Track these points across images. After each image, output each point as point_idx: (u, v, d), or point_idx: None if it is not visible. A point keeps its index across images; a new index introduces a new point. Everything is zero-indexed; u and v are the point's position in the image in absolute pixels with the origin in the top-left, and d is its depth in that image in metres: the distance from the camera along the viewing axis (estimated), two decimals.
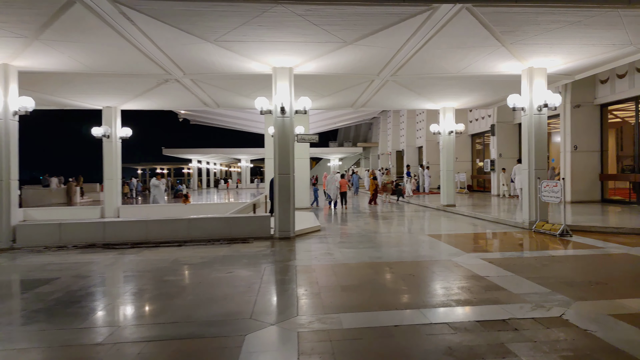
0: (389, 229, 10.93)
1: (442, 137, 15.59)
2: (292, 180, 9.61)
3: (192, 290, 5.39)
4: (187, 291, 5.37)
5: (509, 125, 20.84)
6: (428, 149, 30.01)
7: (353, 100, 15.54)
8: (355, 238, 9.35)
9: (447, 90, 13.69)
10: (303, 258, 7.36)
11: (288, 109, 9.49)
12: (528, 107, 9.99)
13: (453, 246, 8.09)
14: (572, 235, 8.86)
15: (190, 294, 5.25)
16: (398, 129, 37.94)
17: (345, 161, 53.43)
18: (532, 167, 9.97)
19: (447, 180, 15.43)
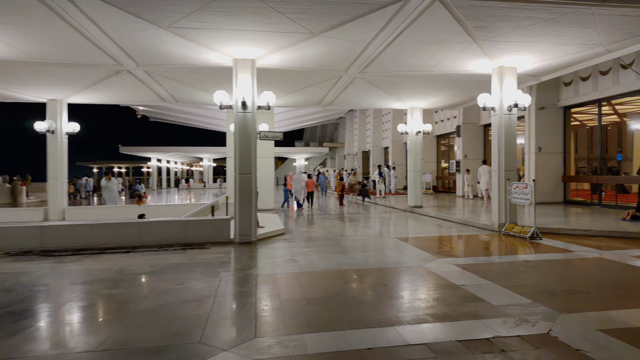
0: (357, 231, 10.47)
1: (410, 138, 15.32)
2: (254, 181, 8.96)
3: (134, 307, 4.67)
4: (128, 308, 4.65)
5: (475, 127, 20.93)
6: (394, 149, 29.96)
7: (320, 97, 15.02)
8: (321, 242, 8.82)
9: (415, 90, 13.41)
10: (265, 266, 6.75)
11: (250, 103, 8.83)
12: (498, 106, 9.77)
13: (424, 250, 7.70)
14: (542, 238, 8.67)
15: (131, 311, 4.54)
16: (364, 129, 37.80)
17: (311, 161, 52.95)
18: (502, 168, 9.75)
19: (414, 181, 15.17)
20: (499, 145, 9.82)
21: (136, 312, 4.49)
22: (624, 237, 8.57)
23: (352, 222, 12.34)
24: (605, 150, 14.75)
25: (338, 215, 14.41)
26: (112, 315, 4.46)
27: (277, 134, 9.89)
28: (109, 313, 4.52)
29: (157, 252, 7.85)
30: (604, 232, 8.80)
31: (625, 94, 12.84)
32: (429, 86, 12.95)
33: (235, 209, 8.81)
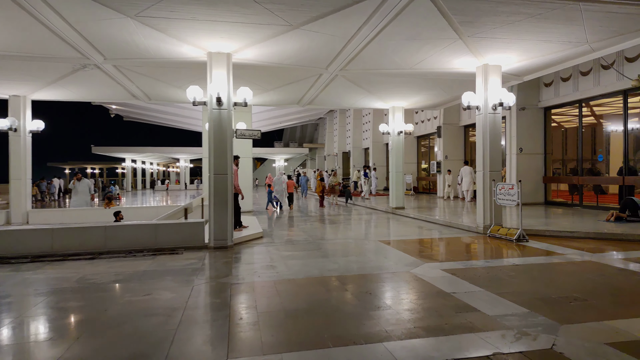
0: (338, 234, 10.08)
1: (391, 138, 15.04)
2: (230, 182, 8.48)
3: (91, 324, 4.16)
4: (83, 325, 4.13)
5: (455, 127, 20.84)
6: (374, 150, 29.76)
7: (299, 96, 14.60)
8: (302, 246, 8.39)
9: (397, 89, 13.13)
10: (241, 273, 6.28)
11: (225, 99, 8.34)
12: (483, 105, 9.54)
13: (409, 254, 7.36)
14: (528, 240, 8.45)
15: (87, 329, 4.02)
16: (344, 130, 37.56)
17: (291, 162, 52.45)
18: (487, 168, 9.52)
19: (396, 182, 14.89)
20: (483, 145, 9.59)
21: (92, 330, 3.98)
22: (610, 239, 8.42)
23: (333, 225, 11.95)
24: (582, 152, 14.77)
25: (319, 217, 14.00)
26: (63, 334, 3.93)
27: (255, 132, 9.43)
28: (59, 331, 4.00)
29: (124, 259, 7.28)
30: (591, 234, 8.64)
31: (606, 94, 12.84)
32: (412, 85, 12.69)
33: (209, 212, 8.30)
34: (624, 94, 12.24)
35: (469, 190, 17.57)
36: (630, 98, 12.32)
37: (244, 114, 15.84)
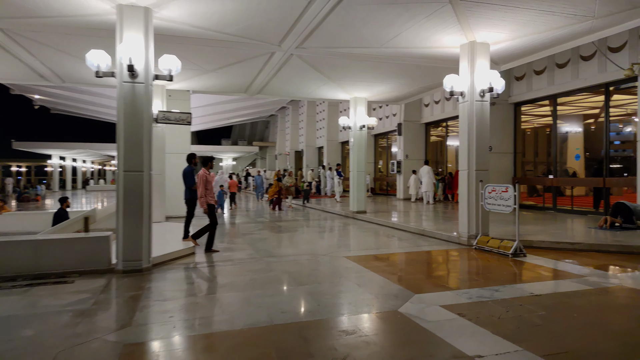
0: (294, 247, 8.12)
1: (353, 133, 13.27)
2: (149, 182, 6.28)
3: None
4: None
5: (416, 125, 19.49)
6: (329, 149, 28.07)
7: (247, 82, 12.49)
8: (245, 266, 6.34)
9: (361, 75, 11.35)
10: (149, 319, 4.16)
11: (142, 69, 6.13)
12: (468, 91, 7.93)
13: (389, 279, 5.53)
14: (526, 255, 6.90)
15: None
16: (297, 127, 35.64)
17: (239, 161, 49.73)
18: (473, 167, 7.92)
19: (357, 183, 13.14)
20: (469, 140, 7.98)
21: None
22: (619, 252, 7.04)
23: (288, 234, 9.96)
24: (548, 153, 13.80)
25: (271, 223, 11.95)
26: None
27: (183, 117, 7.27)
28: None
29: None
30: (595, 246, 7.24)
31: (585, 88, 11.77)
32: (379, 71, 10.96)
33: (117, 222, 6.06)
34: (605, 88, 11.18)
35: (428, 192, 16.19)
36: (618, 94, 11.31)
37: (181, 102, 13.49)
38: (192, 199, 8.17)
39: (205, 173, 7.66)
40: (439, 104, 18.12)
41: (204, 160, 7.94)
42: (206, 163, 7.90)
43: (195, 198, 8.19)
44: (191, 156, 8.37)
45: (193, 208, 8.23)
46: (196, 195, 8.17)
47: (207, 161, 7.95)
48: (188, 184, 8.12)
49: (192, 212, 8.27)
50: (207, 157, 8.01)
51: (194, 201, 8.19)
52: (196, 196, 8.17)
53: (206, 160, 7.95)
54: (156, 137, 11.41)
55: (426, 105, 19.07)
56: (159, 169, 11.41)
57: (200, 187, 7.52)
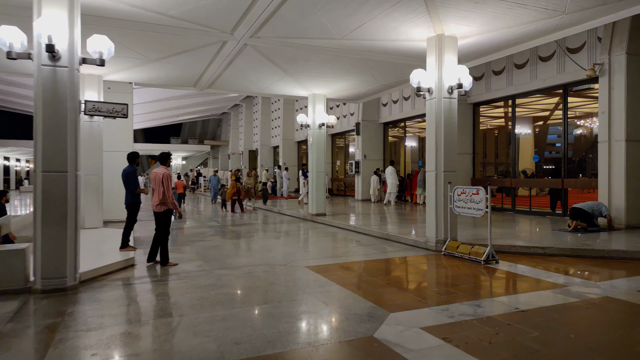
0: (249, 255, 7.32)
1: (312, 131, 12.60)
2: (75, 184, 5.28)
3: None
4: None
5: (375, 125, 19.14)
6: (285, 148, 27.29)
7: (196, 75, 11.52)
8: (193, 282, 5.49)
9: (321, 70, 10.70)
10: (65, 357, 3.27)
11: (65, 49, 5.13)
12: (436, 87, 7.46)
13: (359, 294, 4.90)
14: (498, 261, 6.51)
15: None
16: (251, 126, 34.56)
17: (190, 160, 47.81)
18: (441, 168, 7.47)
19: (316, 184, 12.48)
20: (436, 139, 7.52)
21: None
22: (591, 257, 6.80)
23: (243, 240, 9.12)
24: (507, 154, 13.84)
25: (223, 228, 11.04)
26: None
27: (118, 108, 6.28)
28: None
29: None
30: (566, 250, 6.97)
31: (544, 89, 11.76)
32: (339, 66, 10.35)
33: (35, 233, 5.04)
34: (564, 89, 11.19)
35: (392, 193, 15.85)
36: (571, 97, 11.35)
37: (122, 96, 12.24)
38: (133, 204, 7.18)
39: (169, 172, 6.65)
40: (397, 104, 17.84)
41: (163, 156, 6.77)
42: (165, 160, 6.75)
43: (137, 202, 7.21)
44: (134, 155, 7.35)
45: (135, 214, 7.24)
46: (139, 199, 7.20)
47: (166, 158, 6.77)
48: (130, 187, 7.12)
49: (134, 219, 7.27)
50: (165, 153, 6.80)
51: (136, 206, 7.21)
52: (139, 200, 7.21)
53: (165, 156, 6.76)
54: (91, 133, 10.20)
55: (384, 104, 18.75)
56: (94, 169, 10.22)
57: (162, 189, 6.41)
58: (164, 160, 6.75)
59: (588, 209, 8.73)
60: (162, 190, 6.39)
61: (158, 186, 6.42)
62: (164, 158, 6.76)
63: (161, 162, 6.72)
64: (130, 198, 7.13)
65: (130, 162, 7.31)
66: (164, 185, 6.41)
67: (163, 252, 6.50)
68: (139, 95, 20.23)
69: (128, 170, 7.18)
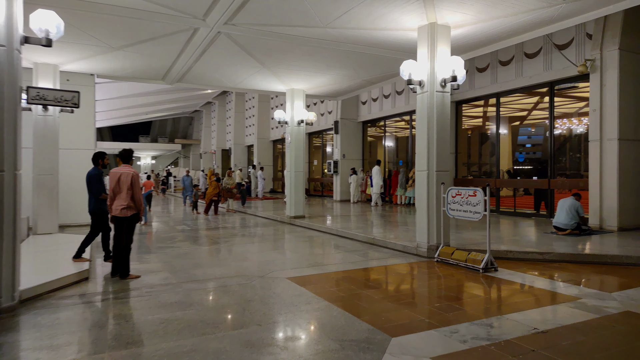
0: (224, 266, 6.55)
1: (290, 129, 11.89)
2: (13, 185, 4.41)
3: None
4: None
5: (353, 123, 18.57)
6: (260, 147, 26.44)
7: (165, 66, 10.66)
8: (157, 300, 4.71)
9: (301, 63, 10.02)
10: None
11: (1, 24, 4.27)
12: (428, 80, 6.89)
13: (352, 312, 4.24)
14: (497, 269, 5.98)
15: None
16: (224, 124, 33.52)
17: (160, 160, 46.20)
18: (433, 167, 6.90)
19: (295, 185, 11.78)
20: (428, 136, 6.95)
21: None
22: (593, 263, 6.37)
23: (216, 246, 8.33)
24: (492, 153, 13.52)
25: (194, 232, 10.19)
26: None
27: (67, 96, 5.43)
28: None
29: None
30: (566, 256, 6.52)
31: (530, 87, 11.42)
32: (320, 59, 9.70)
33: None
34: (550, 86, 10.88)
35: (377, 193, 15.31)
36: (558, 97, 11.05)
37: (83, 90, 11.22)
38: (98, 211, 6.31)
39: (136, 172, 5.83)
40: (377, 102, 17.33)
41: (126, 153, 5.94)
42: (129, 157, 5.94)
43: (103, 209, 6.34)
44: (99, 155, 6.46)
45: (99, 222, 6.37)
46: (105, 206, 6.28)
47: (129, 155, 5.94)
48: (94, 191, 6.25)
49: (99, 227, 6.41)
50: (128, 150, 5.96)
51: (101, 213, 6.35)
52: (105, 207, 6.29)
53: (128, 154, 5.93)
54: (45, 129, 9.16)
55: (364, 103, 18.22)
56: (49, 168, 9.20)
57: (130, 191, 5.62)
58: (127, 157, 5.95)
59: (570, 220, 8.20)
60: (131, 192, 5.61)
61: (125, 188, 5.61)
62: (127, 155, 5.95)
63: (124, 160, 5.92)
64: (94, 204, 6.27)
65: (94, 163, 6.45)
66: (134, 186, 5.62)
67: (124, 262, 5.69)
68: (105, 90, 19.07)
69: (92, 173, 6.32)
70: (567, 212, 8.19)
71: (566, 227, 8.15)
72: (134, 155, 6.27)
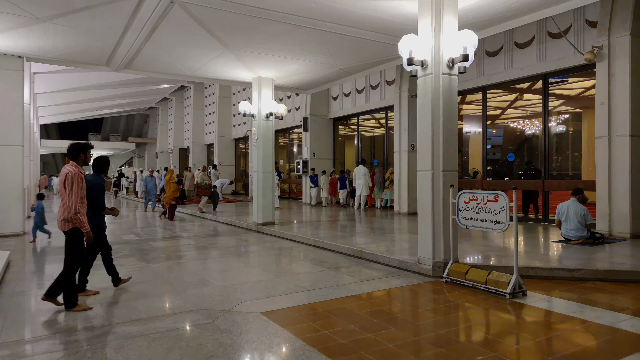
0: (176, 294, 5.02)
1: (257, 123, 10.40)
2: None
3: None
4: None
5: (324, 120, 17.26)
6: (220, 146, 24.68)
7: (108, 47, 8.97)
8: (75, 348, 3.17)
9: (270, 46, 8.59)
10: None
11: None
12: (432, 60, 5.65)
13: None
14: (526, 293, 4.80)
15: None
16: (182, 122, 31.41)
17: (112, 160, 43.18)
18: (439, 166, 5.66)
19: (263, 187, 10.29)
20: (433, 127, 5.69)
21: None
22: (633, 281, 5.31)
23: (166, 264, 6.73)
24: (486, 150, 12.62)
25: (145, 242, 8.50)
26: None
27: None
28: None
29: None
30: (599, 273, 5.43)
31: (521, 79, 10.49)
32: (294, 40, 8.31)
33: None
34: (544, 79, 9.98)
35: (362, 196, 14.03)
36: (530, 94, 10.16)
37: (9, 75, 9.33)
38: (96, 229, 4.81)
39: (79, 170, 4.34)
40: (350, 97, 16.10)
41: (70, 148, 4.47)
42: (76, 154, 4.45)
43: (102, 226, 4.95)
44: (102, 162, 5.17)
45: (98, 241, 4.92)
46: (103, 222, 4.95)
47: (76, 151, 4.44)
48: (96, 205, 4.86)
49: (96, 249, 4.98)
50: (76, 145, 4.50)
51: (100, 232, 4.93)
52: (103, 223, 4.96)
53: (76, 149, 4.45)
54: None
55: (335, 98, 16.95)
56: None
57: (72, 195, 4.19)
58: (74, 154, 4.45)
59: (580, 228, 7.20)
60: (72, 199, 4.19)
61: (61, 192, 4.24)
62: (71, 151, 4.45)
63: (70, 156, 4.46)
64: (91, 220, 4.67)
65: (97, 171, 5.00)
66: (66, 189, 4.19)
67: (65, 292, 4.22)
68: (50, 82, 17.00)
69: (95, 182, 4.85)
70: (575, 220, 7.18)
71: (579, 238, 7.14)
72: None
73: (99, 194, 4.86)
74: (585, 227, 7.10)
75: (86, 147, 4.56)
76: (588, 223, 7.11)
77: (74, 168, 4.28)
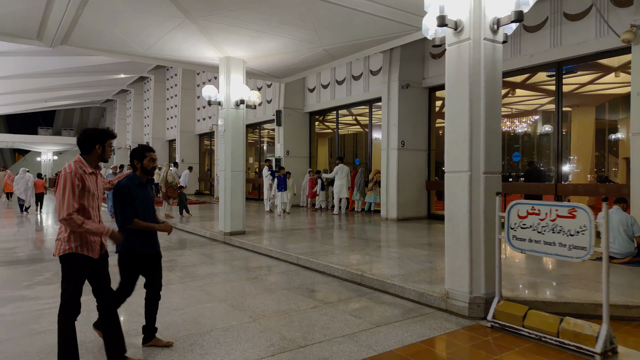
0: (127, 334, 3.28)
1: (225, 112, 8.63)
2: None
3: None
4: None
5: (299, 114, 15.61)
6: (183, 142, 22.63)
7: (36, 14, 7.04)
8: None
9: (243, 15, 6.87)
10: None
11: None
12: (470, 20, 4.11)
13: None
14: (617, 350, 3.35)
15: None
16: (141, 116, 29.03)
17: (64, 156, 39.92)
18: (479, 166, 4.13)
19: (232, 189, 8.53)
20: (471, 114, 4.14)
21: None
22: None
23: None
24: None
25: None
26: None
27: None
28: None
29: None
30: None
31: (530, 68, 9.22)
32: (271, 8, 6.63)
33: None
34: (557, 67, 8.74)
35: (343, 198, 12.46)
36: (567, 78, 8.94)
37: None
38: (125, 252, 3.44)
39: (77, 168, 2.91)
40: (328, 89, 14.52)
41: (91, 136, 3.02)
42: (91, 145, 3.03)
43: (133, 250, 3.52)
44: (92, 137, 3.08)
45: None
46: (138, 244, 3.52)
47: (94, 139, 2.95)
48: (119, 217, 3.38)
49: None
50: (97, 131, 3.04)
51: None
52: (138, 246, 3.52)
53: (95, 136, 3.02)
54: None
55: (311, 90, 15.33)
56: None
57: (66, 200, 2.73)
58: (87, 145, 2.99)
59: (628, 242, 5.92)
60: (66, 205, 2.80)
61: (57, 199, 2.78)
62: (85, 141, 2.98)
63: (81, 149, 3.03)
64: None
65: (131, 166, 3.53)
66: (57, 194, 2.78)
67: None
68: None
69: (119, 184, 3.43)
70: (620, 231, 5.87)
71: (625, 255, 5.84)
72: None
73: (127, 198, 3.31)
74: (635, 240, 5.80)
75: (105, 135, 2.97)
76: (637, 235, 5.81)
77: (72, 165, 2.82)
